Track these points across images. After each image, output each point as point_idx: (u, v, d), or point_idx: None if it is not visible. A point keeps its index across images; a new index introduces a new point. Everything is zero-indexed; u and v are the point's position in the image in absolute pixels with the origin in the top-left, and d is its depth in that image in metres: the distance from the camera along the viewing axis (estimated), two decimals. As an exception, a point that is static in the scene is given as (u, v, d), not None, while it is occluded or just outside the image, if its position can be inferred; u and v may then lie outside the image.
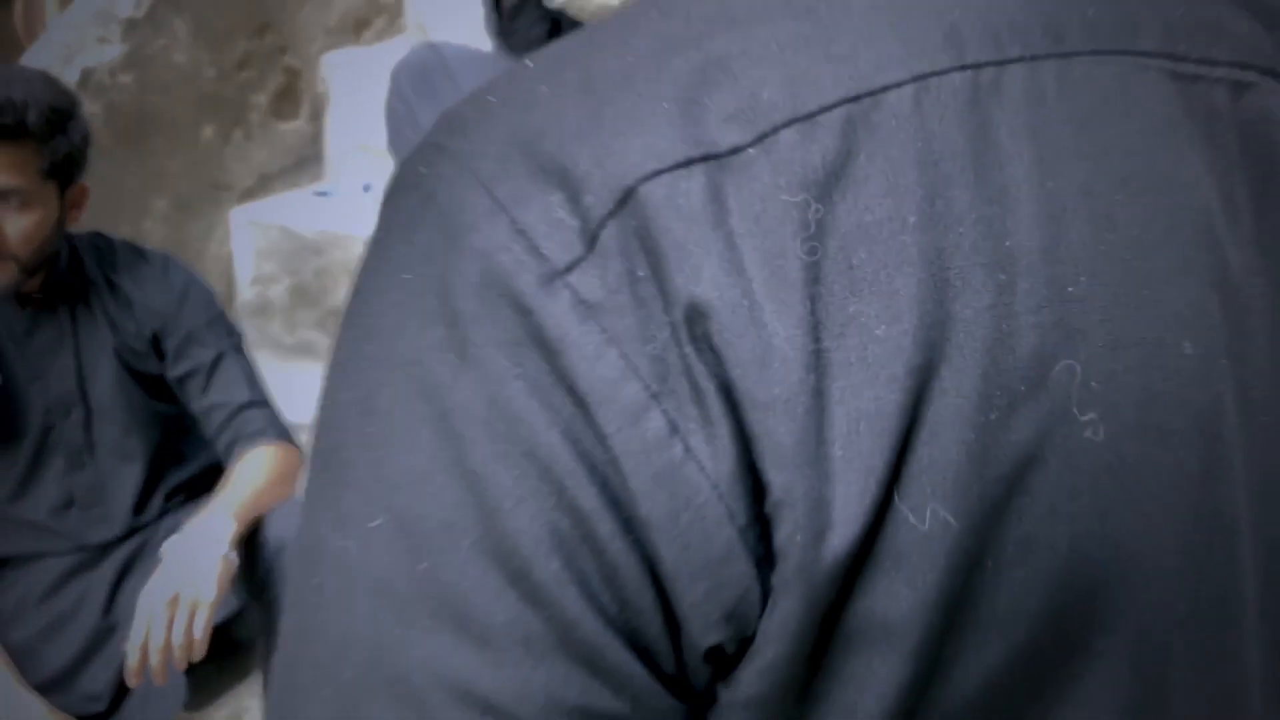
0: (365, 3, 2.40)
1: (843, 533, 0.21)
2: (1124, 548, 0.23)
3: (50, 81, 1.39)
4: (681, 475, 0.21)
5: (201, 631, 1.23)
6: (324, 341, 2.09)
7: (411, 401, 0.22)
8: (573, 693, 0.21)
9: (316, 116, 2.29)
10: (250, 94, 2.13)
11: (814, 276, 0.21)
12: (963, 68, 0.23)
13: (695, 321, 0.21)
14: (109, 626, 1.47)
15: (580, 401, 0.21)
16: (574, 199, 0.22)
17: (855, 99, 0.22)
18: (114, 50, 1.82)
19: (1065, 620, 0.23)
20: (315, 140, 2.30)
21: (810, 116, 0.22)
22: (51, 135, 1.34)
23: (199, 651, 1.24)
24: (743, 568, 0.21)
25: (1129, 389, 0.22)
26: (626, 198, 0.21)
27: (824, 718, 0.22)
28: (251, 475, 1.41)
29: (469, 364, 0.22)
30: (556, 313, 0.21)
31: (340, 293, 2.06)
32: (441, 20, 2.48)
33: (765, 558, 0.21)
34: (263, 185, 2.17)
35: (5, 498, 1.46)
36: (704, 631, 0.21)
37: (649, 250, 0.21)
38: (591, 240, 0.21)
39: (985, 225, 0.21)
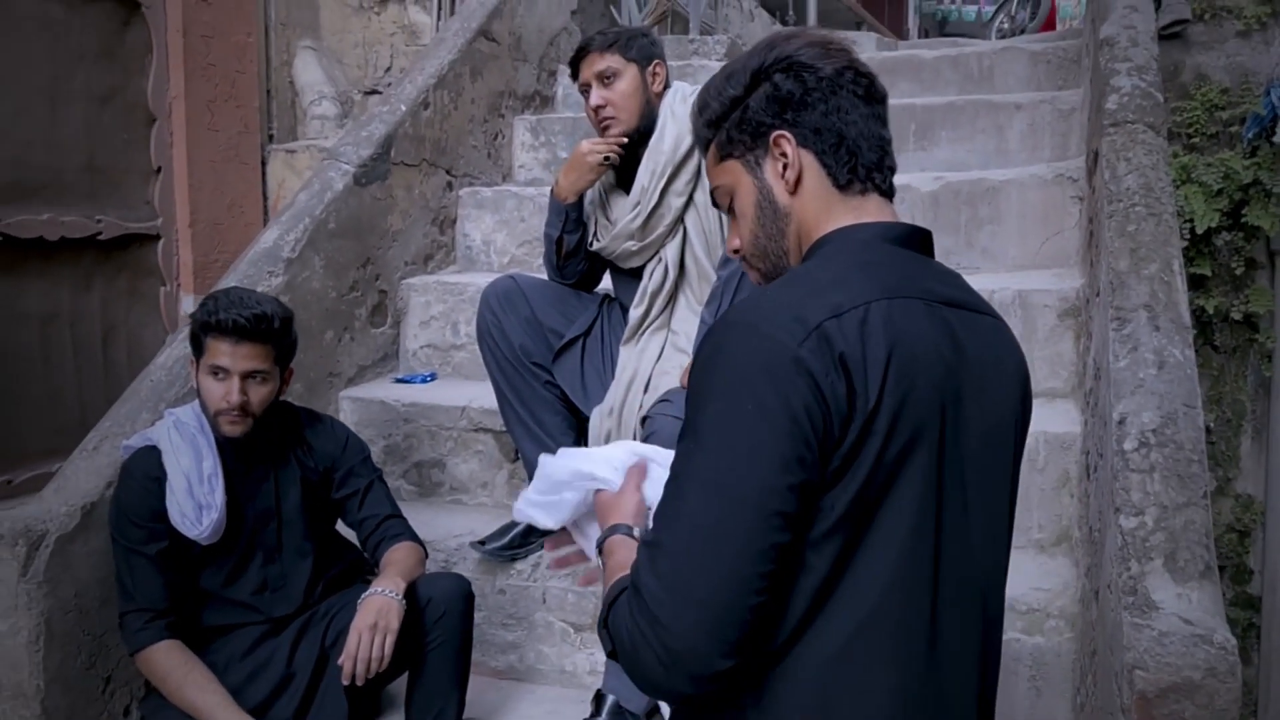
0: (430, 243, 3.20)
1: (875, 392, 0.92)
2: (930, 402, 0.96)
3: (278, 300, 2.11)
4: (834, 387, 0.89)
5: (390, 648, 1.86)
6: (408, 488, 2.73)
7: (747, 396, 0.90)
8: (799, 455, 0.89)
9: (397, 324, 3.01)
10: (355, 309, 2.86)
11: (862, 343, 0.92)
12: (885, 298, 0.96)
13: (842, 356, 0.90)
14: (290, 675, 2.02)
15: (809, 374, 0.89)
16: (802, 325, 0.91)
17: (865, 304, 0.93)
18: (278, 280, 2.57)
19: (920, 427, 0.94)
20: (395, 341, 3.03)
21: (856, 308, 0.93)
22: (282, 336, 2.05)
23: (386, 662, 1.86)
24: (844, 405, 0.90)
25: (930, 367, 0.96)
26: (820, 326, 0.91)
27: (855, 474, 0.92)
28: (404, 558, 2.05)
29: (769, 371, 0.90)
30: (804, 352, 0.89)
31: (422, 451, 2.74)
32: (479, 256, 3.30)
33: (851, 406, 0.91)
34: (360, 374, 2.88)
35: (221, 583, 2.02)
36: (839, 426, 0.91)
37: (824, 339, 0.90)
38: (808, 337, 0.90)
39: (896, 330, 0.95)
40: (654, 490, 1.16)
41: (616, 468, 1.19)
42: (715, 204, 1.17)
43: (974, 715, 1.02)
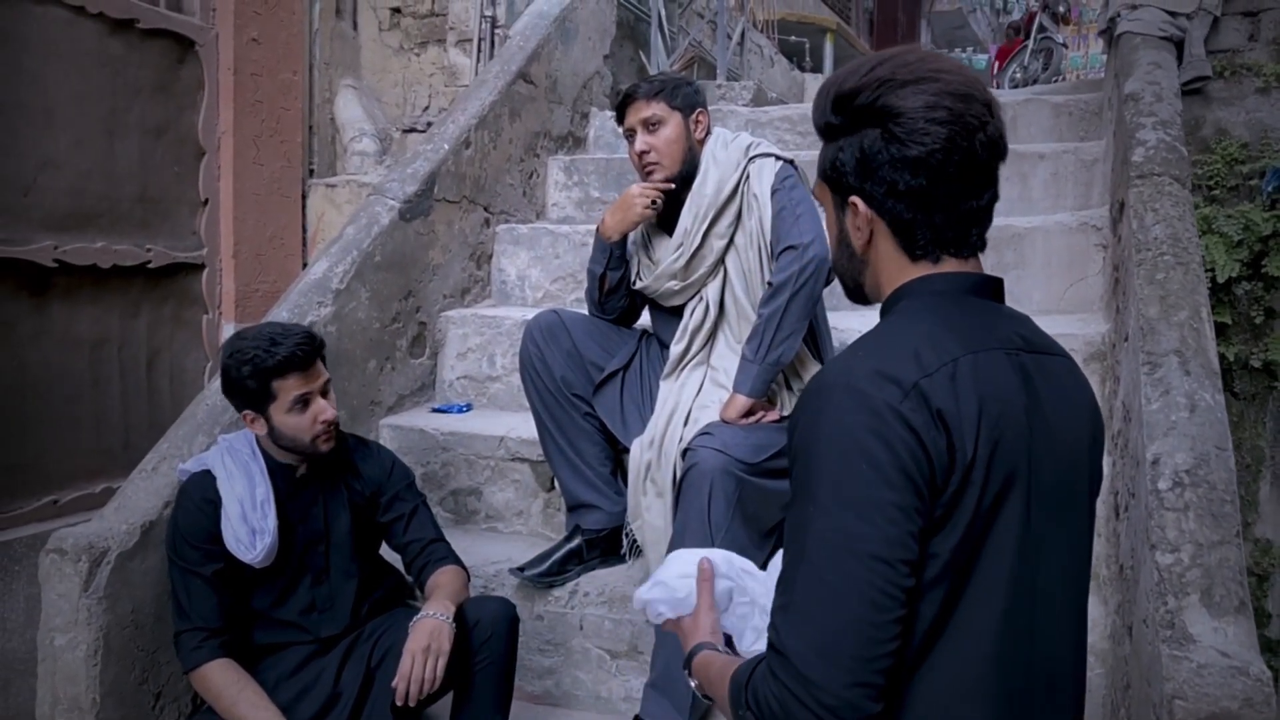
0: (467, 277, 3.29)
1: (971, 445, 0.98)
2: (1017, 451, 1.02)
3: (311, 328, 2.16)
4: (936, 441, 0.96)
5: (442, 670, 1.91)
6: (445, 515, 2.78)
7: (859, 455, 0.96)
8: (914, 505, 0.96)
9: (434, 355, 3.09)
10: (397, 339, 2.94)
11: (955, 399, 0.99)
12: (970, 353, 1.02)
13: (940, 412, 0.96)
14: (337, 694, 2.07)
15: (912, 429, 0.95)
16: (899, 385, 0.96)
17: (953, 360, 0.99)
18: (327, 310, 2.65)
19: (1010, 476, 1.00)
20: (432, 372, 3.11)
21: (944, 365, 0.99)
22: (321, 351, 2.08)
23: (437, 683, 1.91)
24: (945, 458, 0.96)
25: (1015, 417, 1.02)
26: (917, 384, 0.97)
27: (957, 517, 0.98)
28: (450, 582, 2.11)
29: (876, 430, 0.96)
30: (905, 409, 0.96)
31: (459, 479, 2.80)
32: (514, 291, 3.39)
33: (951, 459, 0.97)
34: (399, 403, 2.95)
35: (271, 604, 2.07)
36: (942, 476, 0.97)
37: (922, 396, 0.96)
38: (907, 395, 0.96)
39: (983, 383, 1.01)
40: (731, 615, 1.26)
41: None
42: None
43: None
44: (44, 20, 2.91)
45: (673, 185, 2.33)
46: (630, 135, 2.37)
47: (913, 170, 1.04)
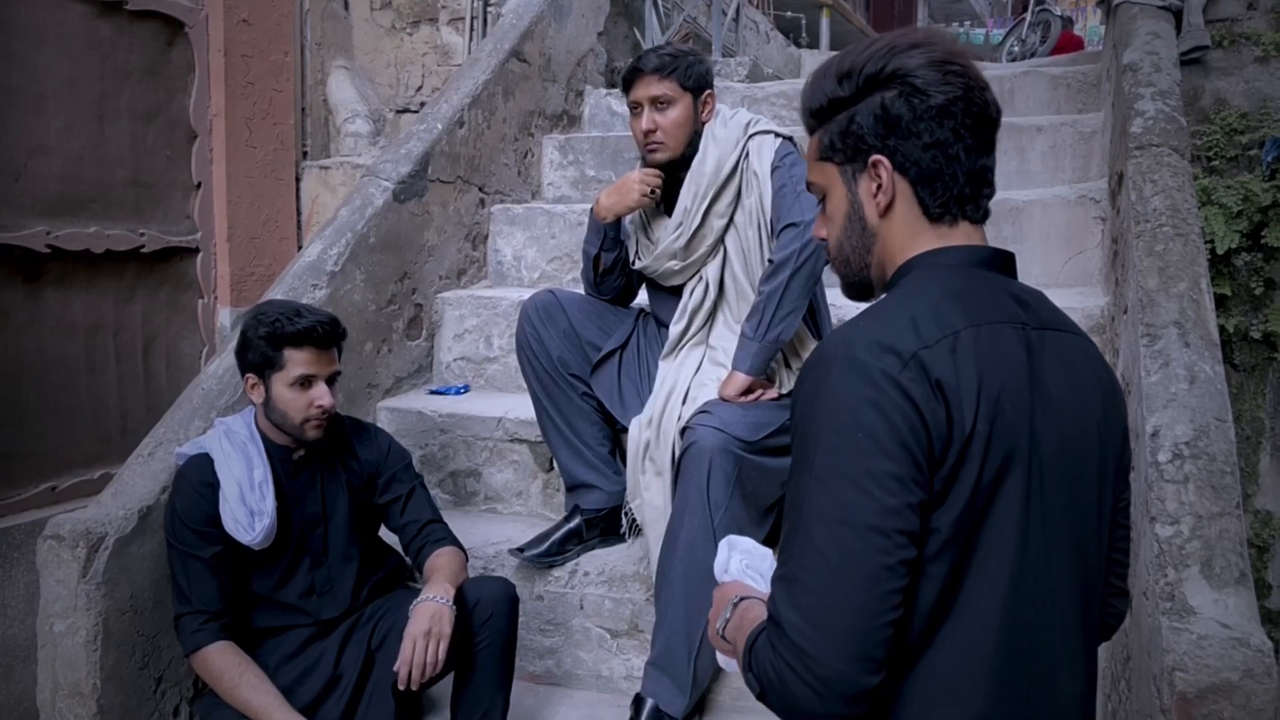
0: (463, 258, 3.27)
1: (970, 417, 0.97)
2: (1019, 427, 1.01)
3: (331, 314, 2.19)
4: (935, 411, 0.94)
5: (444, 653, 1.91)
6: (444, 497, 2.78)
7: (856, 426, 0.95)
8: (912, 476, 0.94)
9: (431, 337, 3.08)
10: (393, 321, 2.93)
11: (955, 371, 0.98)
12: (974, 326, 1.01)
13: (939, 382, 0.95)
14: (337, 676, 2.07)
15: (911, 400, 0.94)
16: (898, 356, 0.96)
17: (954, 333, 0.98)
18: (322, 293, 2.64)
19: (1011, 451, 1.00)
20: (429, 354, 3.10)
21: (945, 337, 0.97)
22: (343, 336, 2.12)
23: (439, 667, 1.91)
24: (944, 430, 0.95)
25: (1018, 392, 1.01)
26: (916, 355, 0.96)
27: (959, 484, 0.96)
28: (449, 564, 2.11)
29: (873, 401, 0.95)
30: (904, 379, 0.94)
31: (458, 460, 2.79)
32: (510, 271, 3.37)
33: (949, 431, 0.97)
34: (397, 385, 2.94)
35: (271, 587, 2.07)
36: (940, 448, 0.97)
37: (921, 367, 0.95)
38: (906, 365, 0.95)
39: (984, 357, 1.01)
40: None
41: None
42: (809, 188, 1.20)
43: (1079, 712, 1.07)
44: (32, 4, 2.88)
45: (661, 181, 2.31)
46: (636, 108, 2.32)
47: (938, 118, 1.05)
